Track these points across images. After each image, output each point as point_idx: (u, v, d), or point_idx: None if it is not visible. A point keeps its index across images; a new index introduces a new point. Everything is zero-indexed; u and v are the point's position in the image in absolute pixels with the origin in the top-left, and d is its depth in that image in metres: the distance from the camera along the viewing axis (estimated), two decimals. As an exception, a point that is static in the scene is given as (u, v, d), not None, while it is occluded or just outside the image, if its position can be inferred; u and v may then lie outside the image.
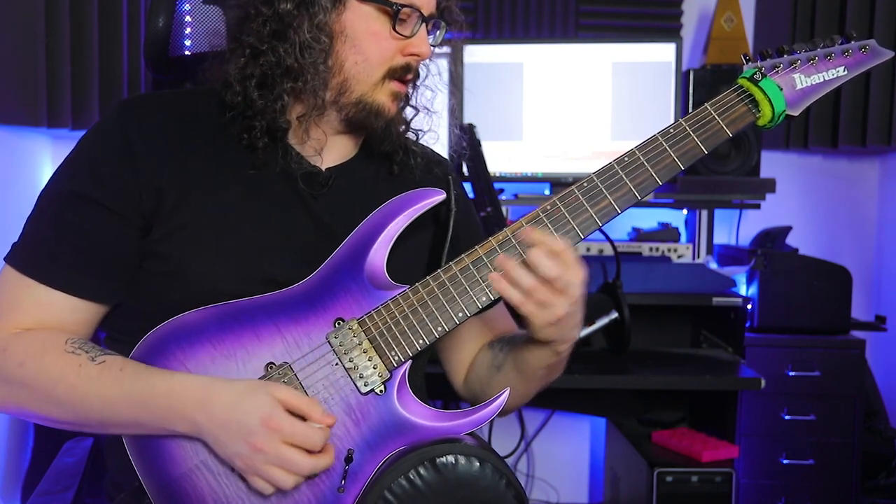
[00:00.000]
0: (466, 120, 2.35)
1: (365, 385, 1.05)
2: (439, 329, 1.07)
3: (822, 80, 1.14)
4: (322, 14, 1.08)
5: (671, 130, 1.12)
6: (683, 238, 2.55)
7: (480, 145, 2.09)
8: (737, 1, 2.63)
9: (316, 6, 1.08)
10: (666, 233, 2.45)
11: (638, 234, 2.49)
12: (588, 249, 2.35)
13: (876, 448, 2.40)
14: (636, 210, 2.65)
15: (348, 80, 1.11)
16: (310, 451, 0.99)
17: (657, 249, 2.35)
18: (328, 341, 1.06)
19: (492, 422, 2.01)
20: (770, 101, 1.11)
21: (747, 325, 2.21)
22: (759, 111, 1.12)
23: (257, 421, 0.97)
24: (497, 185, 2.19)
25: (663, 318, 2.29)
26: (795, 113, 1.13)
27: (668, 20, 2.77)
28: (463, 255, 1.08)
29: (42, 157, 2.42)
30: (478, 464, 1.01)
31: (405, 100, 1.22)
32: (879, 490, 2.39)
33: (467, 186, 2.06)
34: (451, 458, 1.01)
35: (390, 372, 1.06)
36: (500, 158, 2.39)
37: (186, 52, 1.41)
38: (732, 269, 2.30)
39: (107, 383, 1.01)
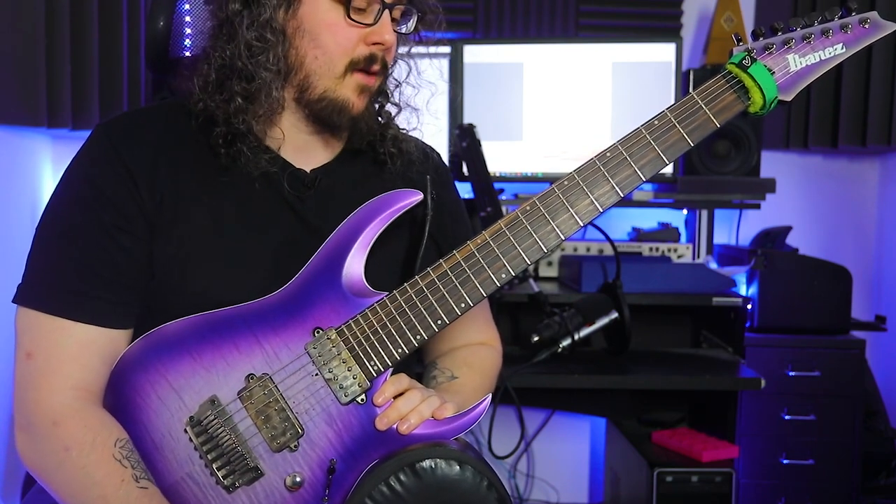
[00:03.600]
0: (466, 120, 2.35)
1: (345, 395, 1.05)
2: (418, 338, 1.06)
3: (818, 59, 1.06)
4: (267, 11, 1.07)
5: (655, 122, 1.07)
6: (683, 238, 2.55)
7: (480, 145, 2.09)
8: (737, 1, 2.63)
9: (260, 5, 1.07)
10: (666, 233, 2.45)
11: (638, 234, 2.49)
12: (588, 249, 2.36)
13: (876, 448, 2.40)
14: (636, 210, 2.65)
15: (309, 75, 1.10)
16: None
17: (657, 249, 2.35)
18: (307, 352, 1.05)
19: (491, 423, 2.01)
20: (760, 87, 1.04)
21: (747, 325, 2.21)
22: (749, 99, 1.06)
23: None
24: (497, 185, 2.19)
25: (663, 318, 2.29)
26: (788, 98, 1.06)
27: (668, 20, 2.76)
28: (441, 261, 1.07)
29: (42, 157, 2.42)
30: (458, 467, 1.00)
31: (378, 94, 1.20)
32: (879, 490, 2.38)
33: (467, 186, 2.06)
34: (430, 463, 1.00)
35: (370, 381, 1.05)
36: (500, 158, 2.39)
37: (187, 53, 1.41)
38: (732, 269, 2.30)
39: None
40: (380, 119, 1.22)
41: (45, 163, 2.44)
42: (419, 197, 1.11)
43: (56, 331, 1.03)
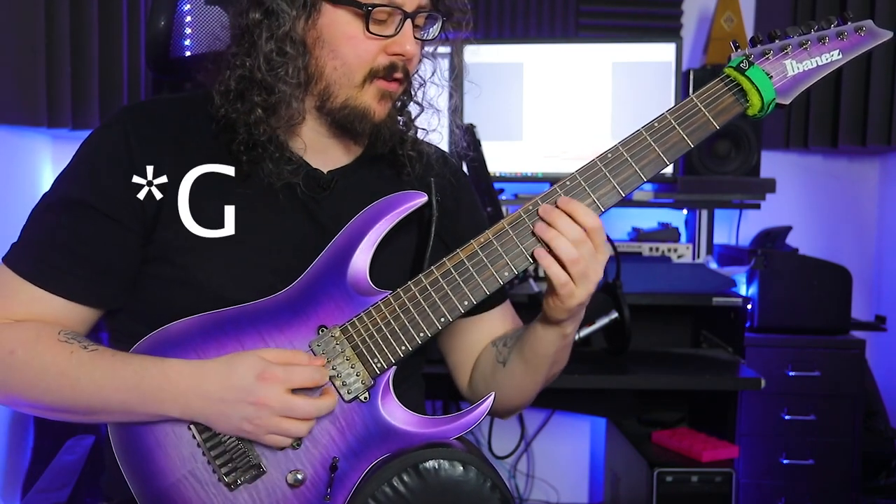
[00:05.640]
0: (466, 120, 2.34)
1: (348, 393, 1.05)
2: (422, 335, 1.06)
3: (814, 65, 1.08)
4: (286, 25, 1.06)
5: (655, 124, 1.08)
6: (683, 238, 2.55)
7: (480, 145, 2.09)
8: (737, 1, 2.63)
9: (279, 17, 1.06)
10: (666, 233, 2.45)
11: (638, 234, 2.49)
12: (588, 249, 2.35)
13: (876, 448, 2.40)
14: (636, 210, 2.65)
15: (330, 85, 1.09)
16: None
17: (657, 249, 2.35)
18: (311, 349, 1.05)
19: (491, 422, 2.01)
20: (758, 90, 1.06)
21: (747, 325, 2.21)
22: (748, 101, 1.07)
23: (253, 378, 0.99)
24: (497, 185, 2.19)
25: (663, 318, 2.29)
26: (786, 101, 1.08)
27: (668, 20, 2.77)
28: (444, 259, 1.07)
29: (42, 157, 2.42)
30: (461, 468, 1.00)
31: (402, 98, 1.20)
32: (879, 490, 2.39)
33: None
34: (433, 464, 1.00)
35: (374, 379, 1.06)
36: (500, 158, 2.39)
37: (187, 53, 1.41)
38: (732, 269, 2.30)
39: (98, 368, 1.02)
40: (400, 118, 1.20)
41: (45, 163, 2.44)
42: (424, 198, 1.11)
43: (18, 288, 1.06)
